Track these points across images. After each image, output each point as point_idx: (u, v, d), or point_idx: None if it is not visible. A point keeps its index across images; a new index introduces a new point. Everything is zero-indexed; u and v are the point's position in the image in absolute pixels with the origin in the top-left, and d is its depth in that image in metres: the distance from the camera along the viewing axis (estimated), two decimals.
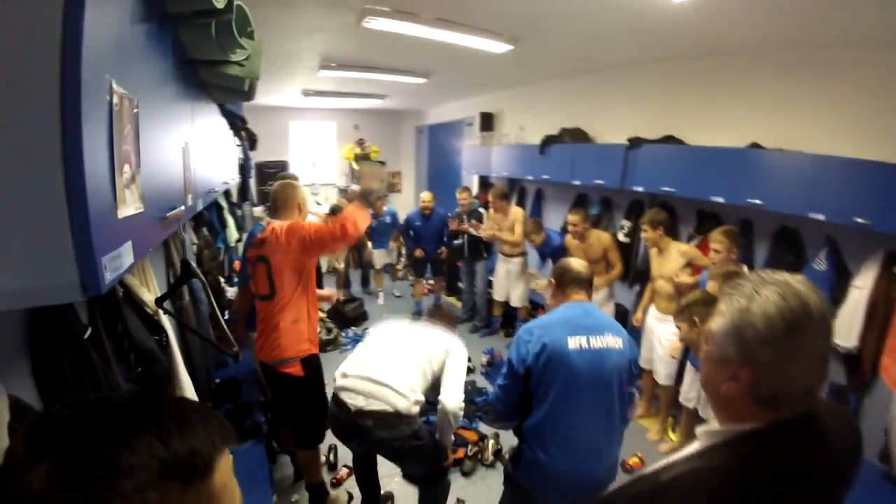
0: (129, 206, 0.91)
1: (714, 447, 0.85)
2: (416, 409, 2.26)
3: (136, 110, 0.96)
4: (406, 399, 2.21)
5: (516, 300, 5.43)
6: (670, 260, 3.53)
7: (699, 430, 0.91)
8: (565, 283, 2.10)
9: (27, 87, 0.68)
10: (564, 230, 5.04)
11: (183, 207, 1.31)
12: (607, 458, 1.99)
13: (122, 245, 0.87)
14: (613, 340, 1.98)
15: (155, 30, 1.14)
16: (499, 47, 3.97)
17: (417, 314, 6.57)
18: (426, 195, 6.16)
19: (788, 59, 3.41)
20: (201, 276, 1.93)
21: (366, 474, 2.74)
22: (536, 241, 4.79)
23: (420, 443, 2.28)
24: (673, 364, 3.57)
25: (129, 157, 0.92)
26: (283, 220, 2.62)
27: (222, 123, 3.23)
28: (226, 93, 2.23)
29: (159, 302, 1.85)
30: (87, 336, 1.46)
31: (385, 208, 6.58)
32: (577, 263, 2.14)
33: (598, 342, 1.94)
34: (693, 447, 0.90)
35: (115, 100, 0.83)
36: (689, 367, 3.37)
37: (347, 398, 2.21)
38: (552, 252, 4.77)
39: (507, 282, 5.43)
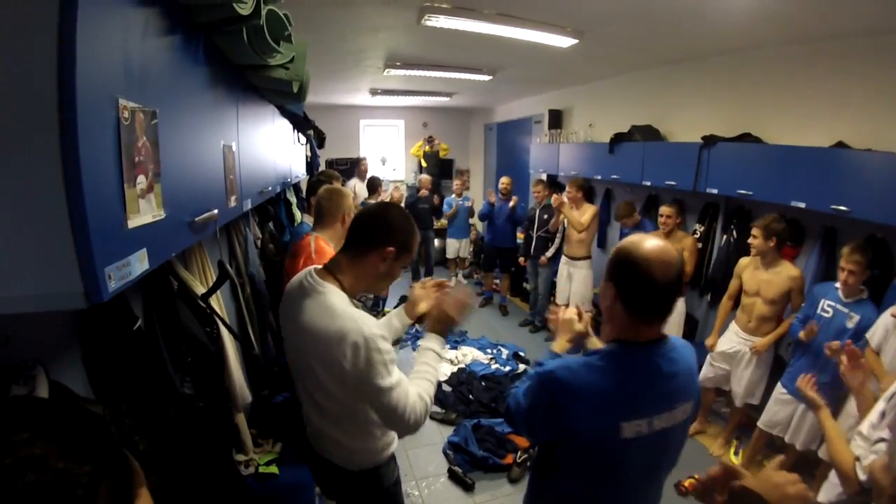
0: (145, 216, 0.94)
1: None
2: None
3: (154, 122, 0.99)
4: None
5: (578, 304, 5.26)
6: (777, 282, 3.16)
7: None
8: (639, 304, 1.24)
9: (28, 112, 0.72)
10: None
11: (216, 211, 1.34)
12: None
13: (134, 253, 0.90)
14: (685, 408, 1.32)
15: (181, 41, 1.17)
16: (563, 41, 3.85)
17: (488, 300, 6.69)
18: (504, 179, 6.32)
19: (880, 46, 3.05)
20: (234, 277, 1.99)
21: None
22: (629, 224, 4.61)
23: None
24: (759, 385, 3.32)
25: (146, 167, 0.95)
26: (325, 230, 2.53)
27: (283, 124, 3.34)
28: (276, 95, 2.29)
29: (204, 298, 1.93)
30: (136, 327, 1.56)
31: (463, 196, 6.78)
32: (663, 269, 1.20)
33: (665, 420, 1.27)
34: None
35: (125, 115, 0.86)
36: (779, 390, 3.11)
37: None
38: None
39: (569, 285, 5.29)
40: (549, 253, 5.56)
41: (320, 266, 1.56)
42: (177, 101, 1.16)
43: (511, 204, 6.08)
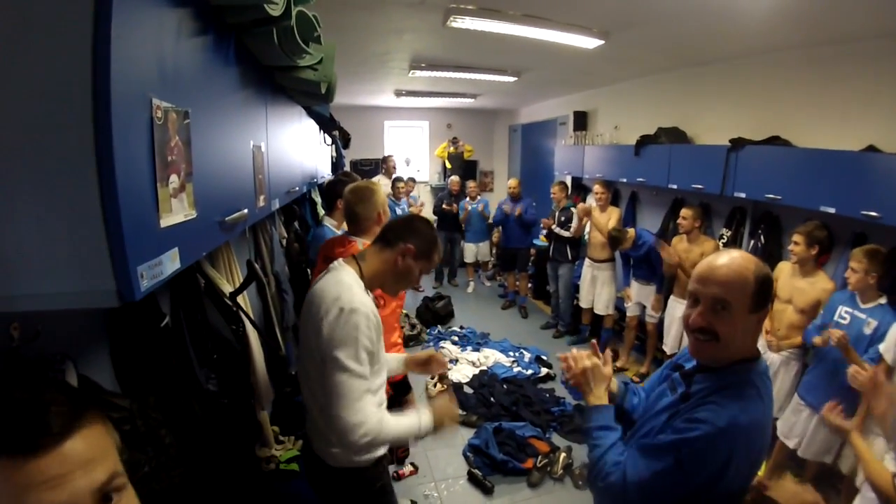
0: (177, 215, 0.96)
1: None
2: None
3: (187, 122, 1.00)
4: None
5: (601, 307, 5.23)
6: (811, 291, 3.07)
7: None
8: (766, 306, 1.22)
9: (63, 111, 0.73)
10: (661, 234, 4.79)
11: (245, 210, 1.36)
12: None
13: (165, 252, 0.91)
14: None
15: (213, 41, 1.19)
16: (590, 42, 3.81)
17: (510, 302, 6.68)
18: (512, 181, 6.31)
19: None
20: (262, 277, 2.02)
21: None
22: (626, 246, 4.54)
23: None
24: (787, 400, 3.23)
25: (178, 167, 0.96)
26: (365, 236, 2.31)
27: (309, 124, 3.37)
28: (304, 96, 2.31)
29: (232, 296, 1.95)
30: (164, 324, 1.59)
31: (477, 200, 6.78)
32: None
33: None
34: None
35: (158, 115, 0.88)
36: (795, 400, 3.04)
37: None
38: (647, 252, 4.48)
39: (593, 288, 5.24)
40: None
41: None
42: (208, 101, 1.18)
43: (517, 213, 6.08)
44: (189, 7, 1.07)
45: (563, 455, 3.40)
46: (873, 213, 2.77)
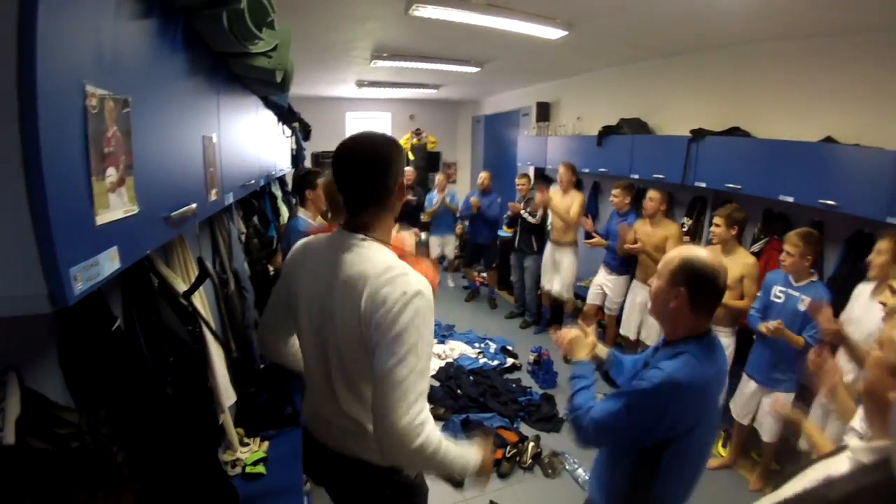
0: (115, 211, 0.88)
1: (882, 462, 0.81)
2: None
3: (126, 110, 0.92)
4: None
5: (558, 289, 5.27)
6: (735, 267, 3.17)
7: (856, 445, 0.89)
8: (709, 305, 1.49)
9: None
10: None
11: (194, 205, 1.28)
12: None
13: (103, 252, 0.84)
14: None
15: (158, 25, 1.11)
16: (553, 33, 3.81)
17: (474, 293, 6.70)
18: (484, 174, 6.26)
19: (868, 43, 3.07)
20: (213, 275, 1.92)
21: None
22: (624, 208, 4.57)
23: None
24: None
25: (117, 159, 0.89)
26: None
27: (267, 115, 3.26)
28: (259, 85, 2.22)
29: (186, 296, 1.86)
30: (115, 327, 1.50)
31: (445, 192, 6.68)
32: (724, 275, 1.48)
33: (724, 387, 1.57)
34: (844, 463, 0.89)
35: (93, 103, 0.80)
36: (744, 381, 3.14)
37: None
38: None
39: (555, 271, 5.28)
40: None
41: (345, 227, 1.37)
42: (153, 88, 1.10)
43: (473, 203, 6.08)
44: None
45: (531, 444, 3.42)
46: (831, 202, 2.88)
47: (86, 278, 0.79)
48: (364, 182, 1.30)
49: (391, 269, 1.23)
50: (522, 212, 5.52)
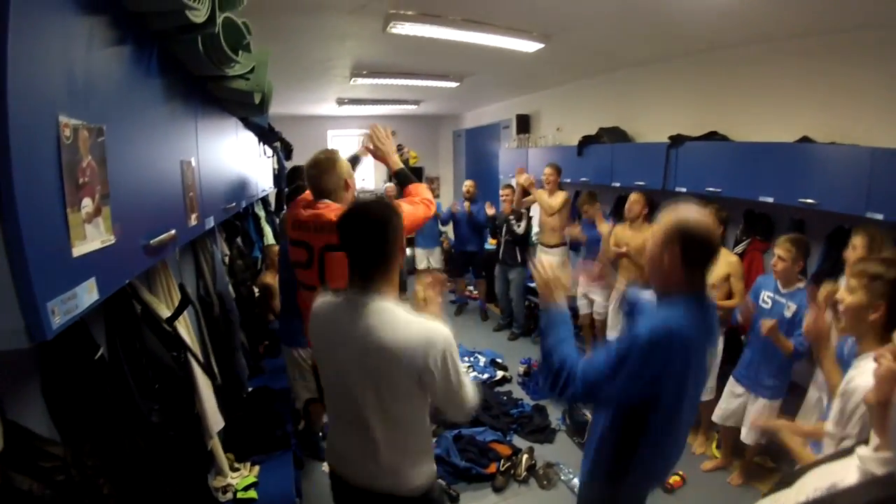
0: (92, 242, 0.87)
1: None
2: None
3: (101, 139, 0.92)
4: None
5: None
6: (719, 266, 3.20)
7: (864, 454, 0.87)
8: (703, 263, 1.51)
9: None
10: None
11: (174, 231, 1.26)
12: None
13: (81, 284, 0.83)
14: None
15: (132, 51, 1.10)
16: (530, 46, 3.87)
17: (462, 306, 6.69)
18: (469, 182, 6.26)
19: (840, 43, 3.14)
20: (195, 302, 1.90)
21: None
22: (590, 213, 4.67)
23: None
24: (712, 380, 3.34)
25: (92, 189, 0.88)
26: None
27: (247, 136, 3.25)
28: (238, 107, 2.21)
29: (169, 321, 1.84)
30: (98, 355, 1.47)
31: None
32: (716, 233, 1.55)
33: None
34: (851, 472, 0.87)
35: (66, 133, 0.79)
36: (731, 384, 3.16)
37: None
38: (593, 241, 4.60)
39: None
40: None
41: (357, 287, 1.50)
42: (128, 115, 1.09)
43: (466, 208, 6.09)
44: (103, 15, 0.98)
45: (525, 456, 3.39)
46: (810, 200, 2.93)
47: (63, 311, 0.77)
48: (369, 250, 1.46)
49: (418, 331, 1.41)
50: (510, 217, 5.52)
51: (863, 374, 1.43)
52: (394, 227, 1.47)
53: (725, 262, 3.23)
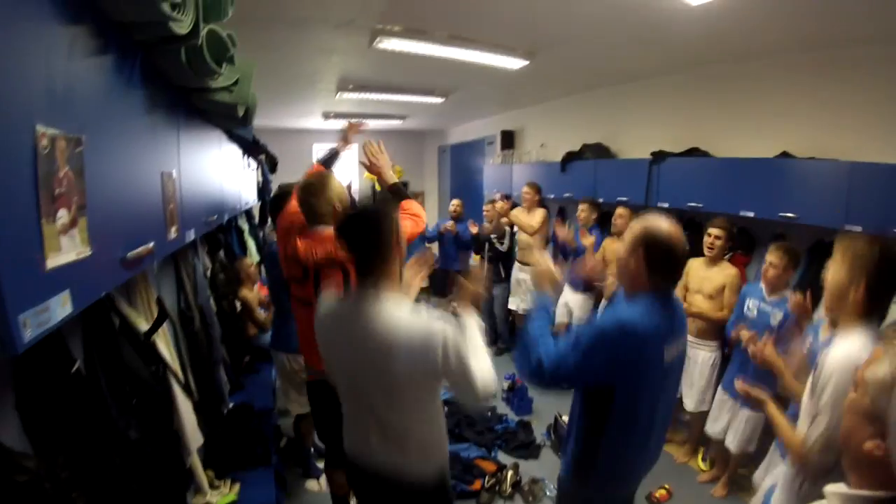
0: (67, 254, 0.85)
1: None
2: None
3: (79, 149, 0.90)
4: None
5: (525, 307, 5.27)
6: (718, 277, 3.28)
7: (831, 490, 0.84)
8: (666, 270, 1.61)
9: None
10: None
11: (152, 244, 1.24)
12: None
13: (54, 297, 0.81)
14: (683, 340, 1.74)
15: (114, 61, 1.09)
16: (515, 63, 3.91)
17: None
18: (455, 201, 6.23)
19: (818, 59, 3.22)
20: (171, 316, 1.87)
21: None
22: (588, 221, 4.66)
23: None
24: (707, 391, 3.36)
25: (69, 200, 0.86)
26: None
27: (231, 149, 3.23)
28: (222, 119, 2.20)
29: (147, 335, 1.80)
30: (75, 369, 1.43)
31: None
32: (682, 245, 1.61)
33: (679, 346, 1.69)
34: None
35: (44, 143, 0.78)
36: (720, 395, 3.18)
37: None
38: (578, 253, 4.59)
39: (520, 290, 5.32)
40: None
41: (361, 288, 1.57)
42: (108, 125, 1.07)
43: (450, 227, 6.05)
44: (85, 24, 0.97)
45: (510, 473, 3.36)
46: (790, 214, 2.98)
47: (35, 324, 0.75)
48: (368, 244, 1.52)
49: (418, 331, 1.46)
50: (492, 236, 5.53)
51: (835, 347, 1.49)
52: (391, 221, 1.54)
53: (724, 274, 3.27)
